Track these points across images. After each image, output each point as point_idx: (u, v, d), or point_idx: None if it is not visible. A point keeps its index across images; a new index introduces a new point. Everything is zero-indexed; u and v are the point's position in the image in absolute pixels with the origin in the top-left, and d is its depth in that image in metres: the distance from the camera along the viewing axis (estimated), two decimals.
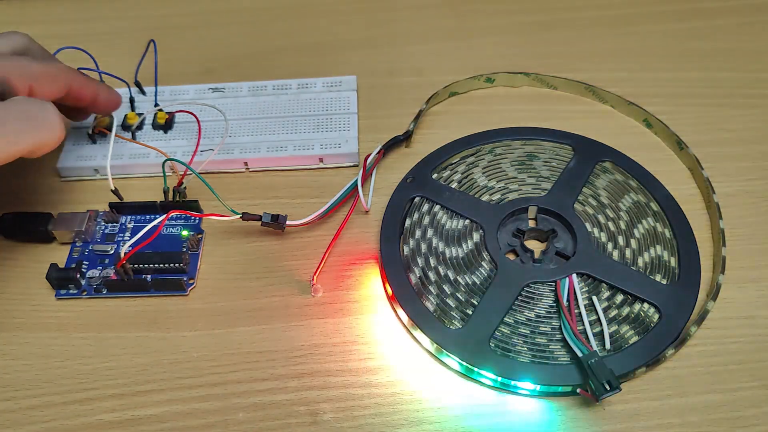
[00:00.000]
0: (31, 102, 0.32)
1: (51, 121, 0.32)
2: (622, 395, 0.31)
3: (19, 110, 0.31)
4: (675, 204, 0.37)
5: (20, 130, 0.31)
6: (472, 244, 0.36)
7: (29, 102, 0.32)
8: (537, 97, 0.45)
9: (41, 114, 0.32)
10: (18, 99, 0.32)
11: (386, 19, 0.51)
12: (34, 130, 0.31)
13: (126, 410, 0.32)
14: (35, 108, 0.32)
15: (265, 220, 0.36)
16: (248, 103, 0.44)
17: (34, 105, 0.32)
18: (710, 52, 0.47)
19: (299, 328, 0.34)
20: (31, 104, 0.32)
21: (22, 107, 0.31)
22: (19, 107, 0.31)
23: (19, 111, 0.31)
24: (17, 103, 0.31)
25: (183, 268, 0.36)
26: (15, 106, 0.31)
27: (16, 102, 0.31)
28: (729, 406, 0.31)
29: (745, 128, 0.42)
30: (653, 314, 0.33)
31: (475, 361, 0.31)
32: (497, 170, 0.39)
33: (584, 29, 0.50)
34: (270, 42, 0.50)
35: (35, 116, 0.31)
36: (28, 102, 0.32)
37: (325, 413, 0.31)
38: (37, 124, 0.31)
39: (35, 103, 0.32)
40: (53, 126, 0.32)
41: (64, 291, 0.36)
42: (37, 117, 0.31)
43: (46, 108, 0.32)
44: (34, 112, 0.31)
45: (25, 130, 0.31)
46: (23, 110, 0.31)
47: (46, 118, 0.32)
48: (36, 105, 0.32)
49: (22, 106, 0.31)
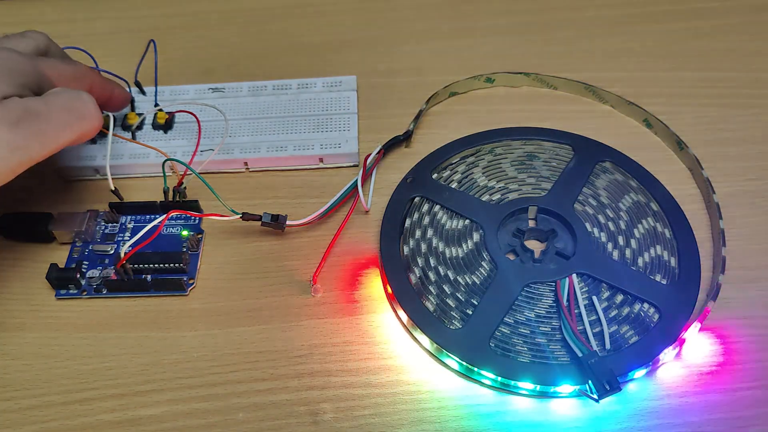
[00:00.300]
0: (72, 93, 0.33)
1: (91, 111, 0.33)
2: (621, 395, 0.31)
3: (61, 102, 0.32)
4: (675, 204, 0.37)
5: (65, 122, 0.32)
6: (472, 244, 0.36)
7: (70, 93, 0.33)
8: (537, 97, 0.45)
9: (82, 104, 0.33)
10: (58, 91, 0.33)
11: (386, 19, 0.51)
12: (78, 121, 0.32)
13: (126, 410, 0.32)
14: (76, 99, 0.33)
15: (265, 220, 0.36)
16: (248, 103, 0.44)
17: (75, 96, 0.33)
18: (710, 52, 0.47)
19: (299, 328, 0.34)
20: (72, 95, 0.33)
21: (64, 99, 0.32)
22: (61, 99, 0.32)
23: (62, 103, 0.32)
24: (59, 96, 0.32)
25: (183, 268, 0.36)
26: (57, 98, 0.32)
27: (58, 94, 0.32)
28: (729, 406, 0.31)
29: (745, 128, 0.42)
30: (653, 314, 0.33)
31: (475, 361, 0.31)
32: (497, 170, 0.39)
33: (584, 29, 0.50)
34: (270, 42, 0.50)
35: (77, 107, 0.32)
36: (69, 93, 0.33)
37: (325, 413, 0.31)
38: (79, 115, 0.32)
39: (75, 93, 0.33)
40: (93, 115, 0.33)
41: (64, 291, 0.36)
42: (79, 108, 0.32)
43: (85, 98, 0.33)
44: (75, 103, 0.32)
45: (70, 121, 0.32)
46: (65, 101, 0.32)
47: (87, 108, 0.33)
48: (76, 96, 0.33)
49: (64, 97, 0.32)
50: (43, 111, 0.31)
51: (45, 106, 0.31)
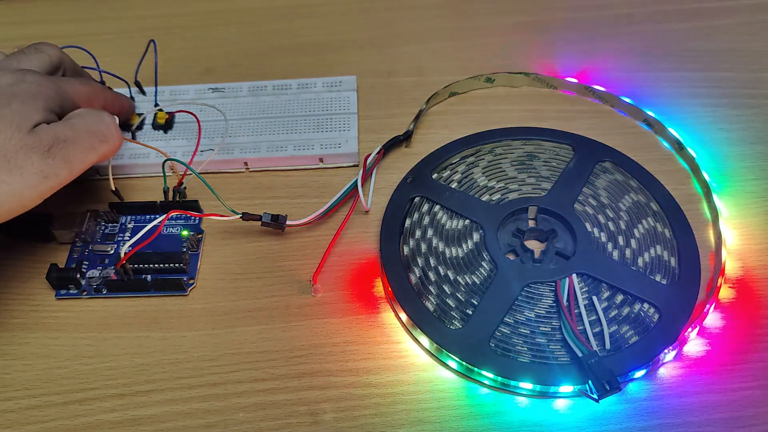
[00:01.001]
0: (95, 116, 0.34)
1: (113, 133, 0.34)
2: (621, 395, 0.31)
3: (86, 125, 0.33)
4: (675, 204, 0.37)
5: (90, 145, 0.33)
6: (472, 244, 0.36)
7: (93, 116, 0.33)
8: (537, 97, 0.45)
9: (105, 127, 0.34)
10: (81, 113, 0.33)
11: (386, 19, 0.51)
12: (101, 143, 0.33)
13: (126, 410, 0.32)
14: (99, 122, 0.33)
15: (265, 220, 0.36)
16: (248, 103, 0.44)
17: (98, 119, 0.34)
18: (710, 52, 0.47)
19: (299, 328, 0.34)
20: (95, 118, 0.33)
21: (88, 122, 0.33)
22: (85, 123, 0.33)
23: (86, 126, 0.33)
24: (83, 119, 0.33)
25: (183, 268, 0.36)
26: (82, 122, 0.33)
27: (82, 117, 0.33)
28: (729, 406, 0.31)
29: (745, 128, 0.42)
30: (653, 314, 0.33)
31: (475, 361, 0.31)
32: (497, 170, 0.39)
33: (584, 29, 0.50)
34: (270, 42, 0.50)
35: (101, 130, 0.33)
36: (92, 116, 0.33)
37: (325, 413, 0.31)
38: (102, 138, 0.33)
39: (98, 116, 0.34)
40: (115, 136, 0.34)
41: (64, 291, 0.36)
42: (102, 131, 0.33)
43: (108, 121, 0.34)
44: (99, 126, 0.33)
45: (94, 144, 0.33)
46: (89, 125, 0.33)
47: (110, 131, 0.34)
48: (99, 118, 0.34)
49: (88, 120, 0.33)
50: (70, 137, 0.32)
51: (72, 132, 0.32)
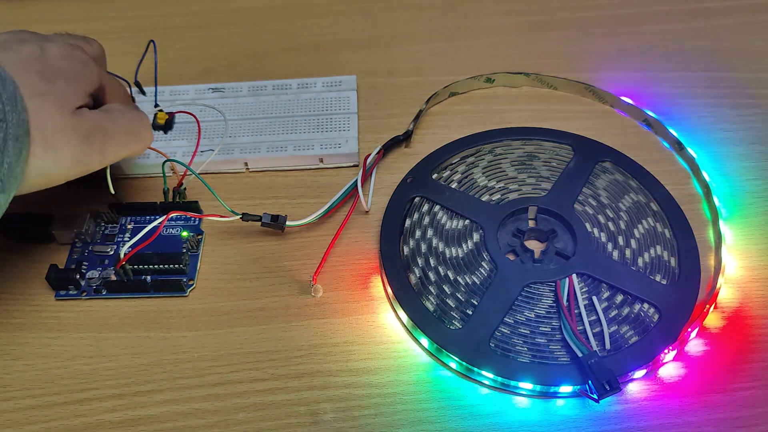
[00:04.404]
0: (135, 115, 0.34)
1: (147, 135, 0.34)
2: (621, 395, 0.31)
3: (125, 122, 0.33)
4: (675, 204, 0.37)
5: (125, 142, 0.33)
6: (472, 244, 0.36)
7: (133, 114, 0.34)
8: (537, 97, 0.45)
9: (142, 127, 0.34)
10: (122, 109, 0.33)
11: (386, 19, 0.51)
12: (135, 142, 0.34)
13: (126, 410, 0.32)
14: (138, 121, 0.34)
15: (265, 220, 0.36)
16: (248, 103, 0.44)
17: (138, 118, 0.34)
18: (710, 52, 0.47)
19: (299, 328, 0.34)
20: (135, 117, 0.34)
21: (128, 120, 0.33)
22: (125, 119, 0.33)
23: (126, 123, 0.33)
24: (124, 115, 0.33)
25: (183, 269, 0.36)
26: (122, 118, 0.33)
27: (123, 113, 0.33)
28: (729, 406, 0.31)
29: (745, 128, 0.42)
30: (653, 314, 0.33)
31: (475, 361, 0.31)
32: (497, 170, 0.39)
33: (584, 29, 0.50)
34: (270, 42, 0.50)
35: (138, 129, 0.34)
36: (132, 114, 0.34)
37: (325, 413, 0.31)
38: (137, 137, 0.34)
39: (138, 116, 0.34)
40: (148, 138, 0.34)
41: (63, 291, 0.36)
42: (139, 130, 0.34)
43: (145, 122, 0.35)
44: (137, 125, 0.34)
45: (129, 141, 0.33)
46: (129, 123, 0.33)
47: (145, 132, 0.34)
48: (138, 118, 0.34)
49: (129, 118, 0.33)
50: (110, 129, 0.32)
51: (112, 125, 0.32)
